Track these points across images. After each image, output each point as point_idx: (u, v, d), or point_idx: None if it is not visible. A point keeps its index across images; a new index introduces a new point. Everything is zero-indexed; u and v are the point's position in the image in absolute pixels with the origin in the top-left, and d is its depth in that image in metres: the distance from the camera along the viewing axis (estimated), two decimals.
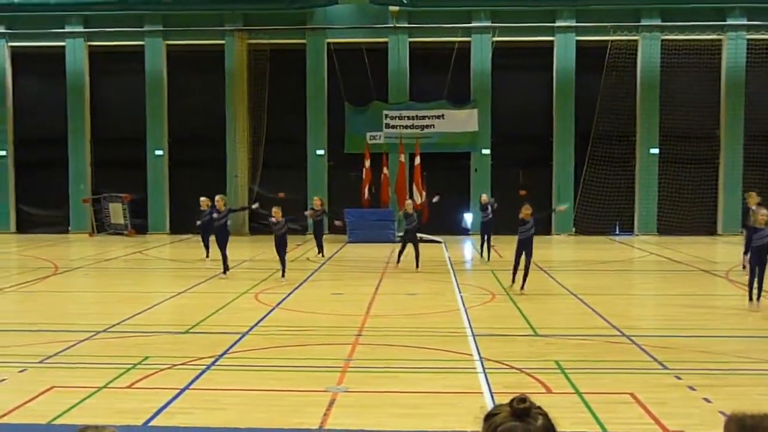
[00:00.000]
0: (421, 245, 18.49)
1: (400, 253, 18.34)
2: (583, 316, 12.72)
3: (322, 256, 20.75)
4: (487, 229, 20.40)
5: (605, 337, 10.94)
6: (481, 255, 20.63)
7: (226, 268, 17.03)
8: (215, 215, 17.88)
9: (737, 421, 1.97)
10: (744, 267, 16.08)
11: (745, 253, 15.69)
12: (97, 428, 3.16)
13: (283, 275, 16.60)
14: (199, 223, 19.20)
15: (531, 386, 8.26)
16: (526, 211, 14.85)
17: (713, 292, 15.60)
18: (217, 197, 18.22)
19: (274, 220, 16.20)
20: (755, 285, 12.68)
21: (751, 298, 12.76)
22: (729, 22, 27.27)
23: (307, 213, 21.59)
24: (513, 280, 15.11)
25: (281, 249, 16.70)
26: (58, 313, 13.46)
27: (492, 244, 20.48)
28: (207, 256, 19.50)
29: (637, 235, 27.32)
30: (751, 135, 27.40)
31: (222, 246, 17.15)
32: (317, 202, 21.87)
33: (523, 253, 14.65)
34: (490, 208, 20.34)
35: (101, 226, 28.43)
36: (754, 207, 15.90)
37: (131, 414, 7.33)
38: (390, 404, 7.81)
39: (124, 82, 29.03)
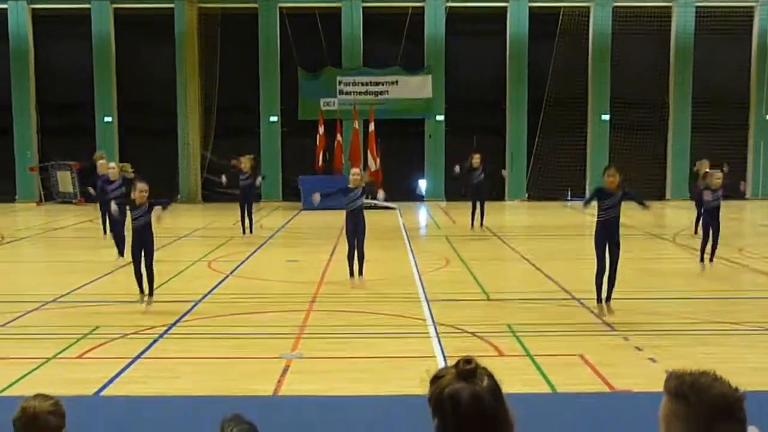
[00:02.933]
0: (376, 212, 17.84)
1: (351, 257, 12.13)
2: (534, 280, 12.87)
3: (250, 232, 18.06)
4: (480, 192, 18.19)
5: (556, 301, 11.12)
6: (472, 225, 18.31)
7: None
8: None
9: (677, 378, 2.01)
10: (696, 233, 16.46)
11: (697, 222, 16.05)
12: (45, 397, 3.14)
13: (251, 231, 16.51)
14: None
15: (483, 349, 8.35)
16: (476, 159, 17.11)
17: (660, 256, 15.91)
18: (244, 158, 17.87)
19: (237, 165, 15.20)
20: (708, 249, 12.75)
21: (702, 260, 12.90)
22: None
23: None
24: (472, 224, 17.17)
25: (248, 202, 16.57)
26: (5, 284, 13.15)
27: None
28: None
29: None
30: (698, 101, 27.90)
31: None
32: (246, 163, 18.06)
33: (477, 197, 16.97)
34: (481, 168, 18.02)
35: (49, 194, 27.87)
36: (708, 170, 16.22)
37: (82, 384, 7.24)
38: (344, 369, 7.85)
39: (70, 46, 28.29)
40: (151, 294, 10.15)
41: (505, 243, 17.03)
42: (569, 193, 28.11)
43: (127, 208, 10.57)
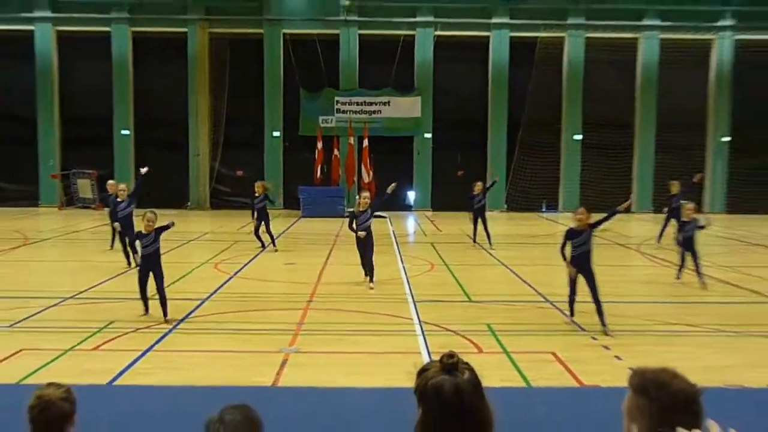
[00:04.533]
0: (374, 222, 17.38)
1: (365, 265, 12.47)
2: (512, 284, 12.91)
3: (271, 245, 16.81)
4: (482, 215, 17.35)
5: (531, 303, 11.15)
6: (474, 240, 17.54)
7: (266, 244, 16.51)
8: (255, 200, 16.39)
9: (639, 374, 2.01)
10: (658, 241, 16.51)
11: (661, 234, 16.06)
12: (58, 386, 3.12)
13: (273, 243, 16.36)
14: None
15: (464, 346, 8.36)
16: (478, 187, 17.13)
17: (626, 263, 15.96)
18: (259, 183, 16.89)
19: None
20: (690, 268, 12.50)
21: (679, 276, 12.73)
22: (645, 22, 27.76)
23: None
24: (474, 238, 17.39)
25: (265, 221, 16.27)
26: (28, 281, 13.10)
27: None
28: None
29: (561, 212, 27.79)
30: (662, 124, 28.09)
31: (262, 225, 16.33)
32: (259, 188, 16.80)
33: (479, 218, 17.04)
34: (482, 194, 17.46)
35: (70, 200, 27.76)
36: (678, 195, 16.25)
37: (97, 374, 7.20)
38: (337, 363, 7.84)
39: (91, 65, 28.18)
40: (165, 315, 9.48)
41: (485, 249, 17.05)
42: (544, 204, 28.23)
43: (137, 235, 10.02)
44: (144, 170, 14.55)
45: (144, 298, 9.76)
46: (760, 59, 27.60)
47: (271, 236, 16.57)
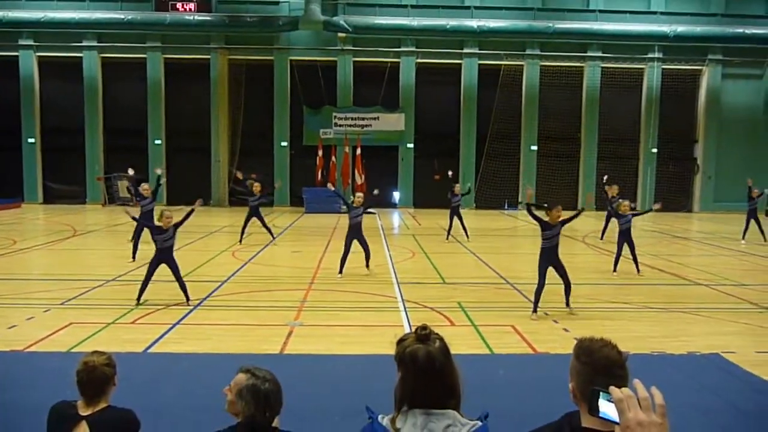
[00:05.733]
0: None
1: (344, 259, 11.61)
2: (479, 269, 12.96)
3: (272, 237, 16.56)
4: (458, 213, 16.97)
5: (494, 284, 11.20)
6: (448, 236, 17.10)
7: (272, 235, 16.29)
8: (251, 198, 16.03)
9: (578, 343, 2.05)
10: (602, 239, 16.51)
11: (604, 231, 16.03)
12: (101, 353, 3.12)
13: (272, 235, 16.26)
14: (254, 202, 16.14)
15: (440, 320, 8.40)
16: (457, 188, 16.93)
17: (573, 252, 16.05)
18: (256, 183, 16.45)
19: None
20: (626, 257, 12.16)
21: (615, 270, 12.28)
22: (589, 54, 27.87)
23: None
24: (448, 235, 17.03)
25: (259, 217, 16.00)
26: (76, 266, 13.03)
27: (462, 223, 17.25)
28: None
29: (520, 210, 27.90)
30: (603, 138, 28.23)
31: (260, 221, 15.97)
32: (256, 188, 16.28)
33: (455, 215, 16.83)
34: (459, 195, 17.09)
35: (111, 198, 27.53)
36: (617, 197, 15.71)
37: (134, 343, 7.20)
38: (334, 335, 7.85)
39: (130, 86, 27.93)
40: (187, 299, 9.20)
41: (458, 241, 17.10)
42: (506, 203, 28.31)
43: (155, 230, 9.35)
44: (159, 171, 14.64)
45: (143, 288, 9.11)
46: (681, 85, 27.91)
47: (268, 228, 16.28)
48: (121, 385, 3.10)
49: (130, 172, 16.58)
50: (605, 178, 17.41)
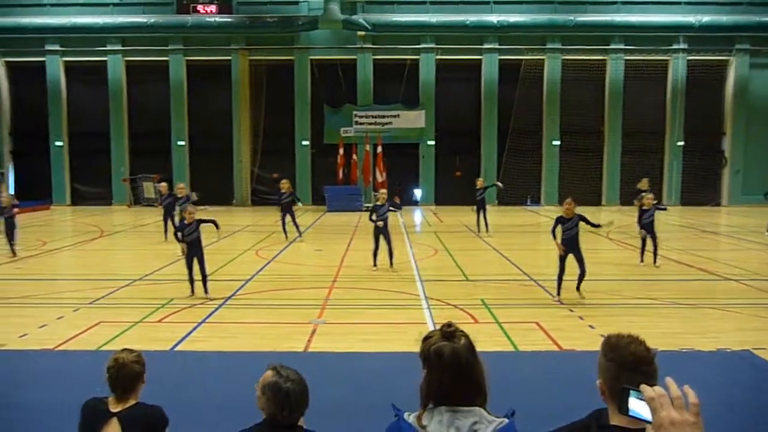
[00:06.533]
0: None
1: (375, 252, 12.26)
2: (502, 265, 12.86)
3: (291, 235, 16.59)
4: (481, 206, 17.38)
5: (518, 281, 11.11)
6: (478, 230, 17.41)
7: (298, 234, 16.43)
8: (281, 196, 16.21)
9: (607, 339, 2.02)
10: (640, 232, 16.22)
11: (638, 223, 15.81)
12: (130, 351, 3.16)
13: (299, 233, 16.34)
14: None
15: (463, 318, 8.36)
16: (480, 183, 17.63)
17: (597, 248, 15.86)
18: (284, 181, 16.62)
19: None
20: (651, 251, 12.30)
21: (642, 260, 12.51)
22: (612, 46, 27.48)
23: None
24: (478, 229, 17.22)
25: (291, 214, 16.24)
26: (104, 266, 13.25)
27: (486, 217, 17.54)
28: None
29: (543, 205, 27.66)
30: (626, 131, 27.82)
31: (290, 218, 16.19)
32: (285, 185, 16.53)
33: (481, 209, 17.19)
34: (482, 189, 17.51)
35: (137, 199, 27.93)
36: (648, 190, 15.56)
37: (161, 342, 7.29)
38: (357, 332, 7.86)
39: (153, 89, 28.29)
40: (206, 291, 9.59)
41: (480, 237, 17.02)
42: (528, 199, 28.08)
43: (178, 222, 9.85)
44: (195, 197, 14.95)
45: (190, 279, 9.65)
46: (708, 76, 27.35)
47: (297, 227, 16.51)
48: (148, 383, 3.14)
49: (194, 197, 16.57)
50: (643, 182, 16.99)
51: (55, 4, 27.23)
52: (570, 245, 9.28)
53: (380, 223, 11.93)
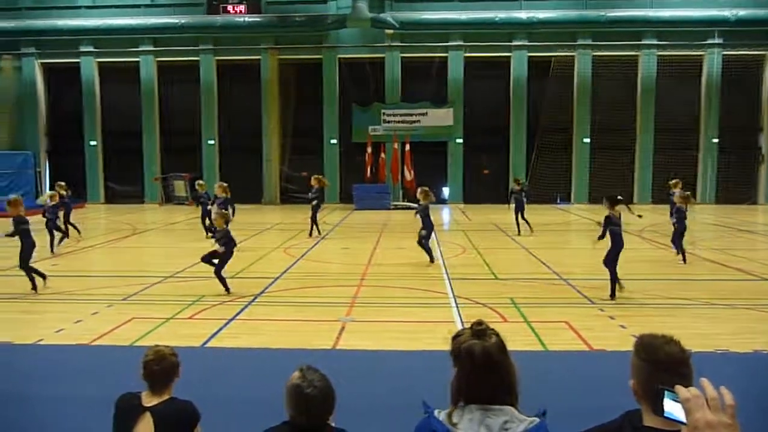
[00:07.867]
0: (410, 212, 17.01)
1: (429, 250, 12.73)
2: (531, 264, 12.75)
3: (317, 234, 16.86)
4: (518, 205, 17.28)
5: (547, 280, 11.00)
6: (519, 231, 17.16)
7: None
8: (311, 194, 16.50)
9: (640, 339, 1.99)
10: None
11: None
12: (165, 346, 3.22)
13: (310, 234, 16.57)
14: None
15: (491, 317, 8.30)
16: (517, 183, 17.58)
17: (628, 246, 15.55)
18: (313, 177, 16.78)
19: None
20: (690, 252, 12.51)
21: (684, 261, 12.56)
22: (644, 42, 26.98)
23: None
24: (518, 230, 17.10)
25: (312, 210, 16.51)
26: (137, 263, 13.50)
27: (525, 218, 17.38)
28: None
29: (573, 203, 27.32)
30: (659, 128, 27.29)
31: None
32: (313, 182, 16.59)
33: (518, 209, 17.11)
34: (522, 192, 17.47)
35: (168, 198, 28.39)
36: (675, 191, 15.41)
37: (192, 338, 7.39)
38: (386, 330, 7.87)
39: (184, 89, 28.73)
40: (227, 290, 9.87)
41: (508, 236, 16.90)
42: (558, 197, 27.76)
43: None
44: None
45: (221, 278, 9.89)
46: (744, 71, 26.67)
47: (315, 225, 16.67)
48: (179, 379, 3.19)
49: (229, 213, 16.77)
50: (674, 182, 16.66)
51: (90, 6, 27.86)
52: (621, 241, 9.54)
53: (425, 212, 12.49)
